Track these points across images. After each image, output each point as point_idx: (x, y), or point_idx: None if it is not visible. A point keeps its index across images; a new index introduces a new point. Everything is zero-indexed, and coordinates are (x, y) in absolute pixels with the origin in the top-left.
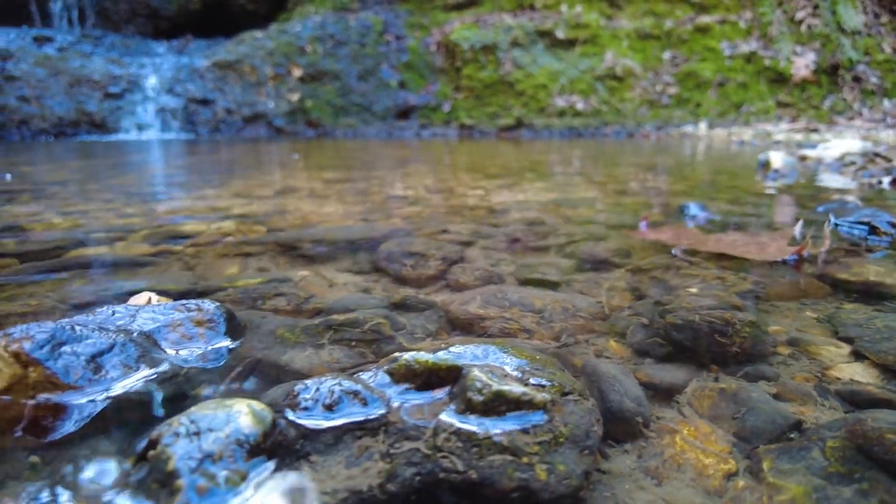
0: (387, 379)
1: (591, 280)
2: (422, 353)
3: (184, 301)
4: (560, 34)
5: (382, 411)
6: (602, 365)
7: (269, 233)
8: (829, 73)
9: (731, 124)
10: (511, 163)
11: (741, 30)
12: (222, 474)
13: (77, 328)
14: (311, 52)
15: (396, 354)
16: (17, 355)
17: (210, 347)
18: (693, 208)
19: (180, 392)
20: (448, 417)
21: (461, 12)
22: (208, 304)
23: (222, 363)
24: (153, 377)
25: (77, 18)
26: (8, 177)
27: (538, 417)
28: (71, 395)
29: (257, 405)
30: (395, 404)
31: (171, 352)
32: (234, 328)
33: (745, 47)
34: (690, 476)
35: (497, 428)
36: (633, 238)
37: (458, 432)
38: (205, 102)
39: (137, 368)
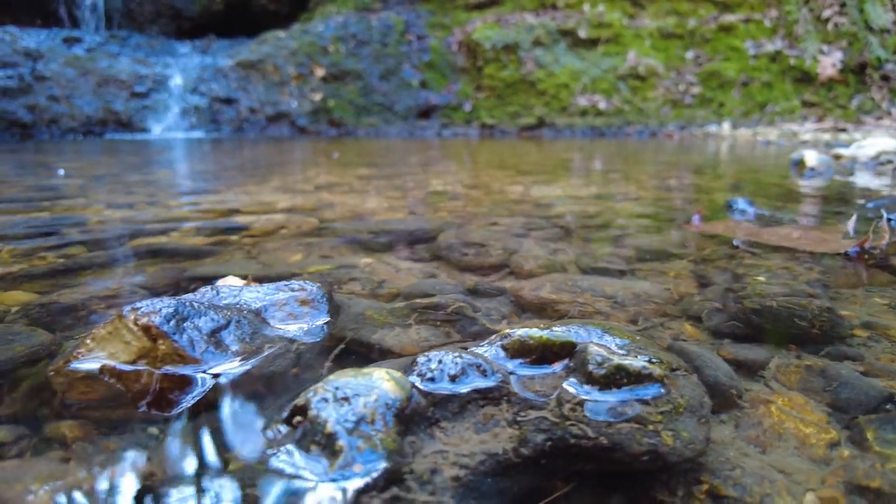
0: (502, 353)
1: (655, 269)
2: (534, 329)
3: (286, 282)
4: (582, 33)
5: (502, 383)
6: (687, 344)
7: (321, 224)
8: (857, 72)
9: (756, 124)
10: (540, 161)
11: (766, 28)
12: (378, 436)
13: (196, 305)
14: (333, 52)
15: (508, 331)
16: (146, 329)
17: (314, 325)
18: (741, 203)
19: (294, 365)
20: (570, 388)
21: (483, 12)
22: (310, 285)
23: (325, 340)
24: (267, 352)
25: (104, 20)
26: (61, 172)
27: (657, 390)
28: (195, 368)
29: (395, 373)
30: (513, 377)
31: (279, 328)
32: (333, 308)
33: (770, 46)
34: (793, 444)
35: (620, 398)
36: (686, 231)
37: (582, 402)
38: (228, 102)
39: (252, 343)
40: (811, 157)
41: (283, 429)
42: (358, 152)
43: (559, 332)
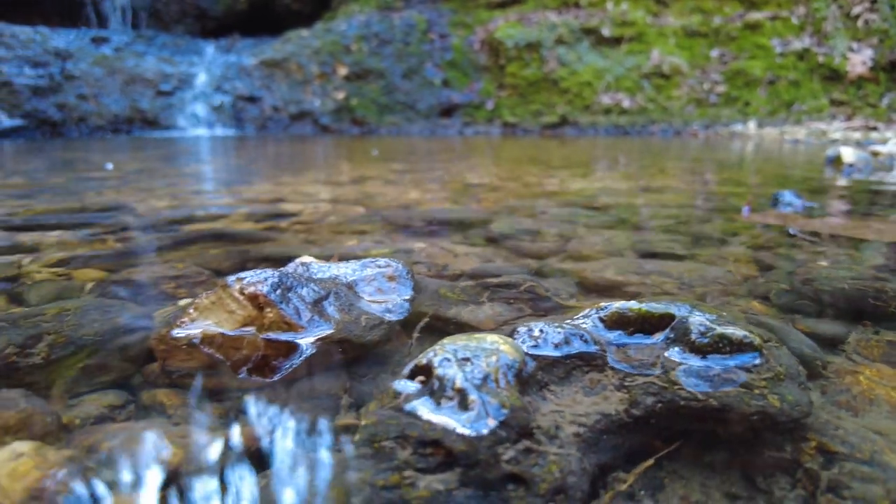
0: (600, 325)
1: (714, 254)
2: (632, 302)
3: (372, 259)
4: (606, 32)
5: (602, 351)
6: (765, 319)
7: (367, 213)
8: (888, 70)
9: (782, 123)
10: (568, 157)
11: (793, 26)
12: (503, 393)
13: (297, 276)
14: (356, 51)
15: (605, 304)
16: (253, 297)
17: (401, 299)
18: (788, 196)
19: (389, 334)
20: (673, 356)
21: (505, 10)
22: (396, 263)
23: (411, 313)
24: (364, 321)
25: (131, 19)
26: (110, 166)
27: (756, 358)
28: (300, 335)
29: (508, 339)
30: (612, 346)
31: (370, 301)
32: (416, 285)
33: (798, 44)
34: (886, 409)
35: (722, 365)
36: (738, 221)
37: (688, 369)
38: (252, 100)
39: (350, 313)
40: (848, 154)
41: (411, 386)
42: (384, 149)
43: (657, 305)
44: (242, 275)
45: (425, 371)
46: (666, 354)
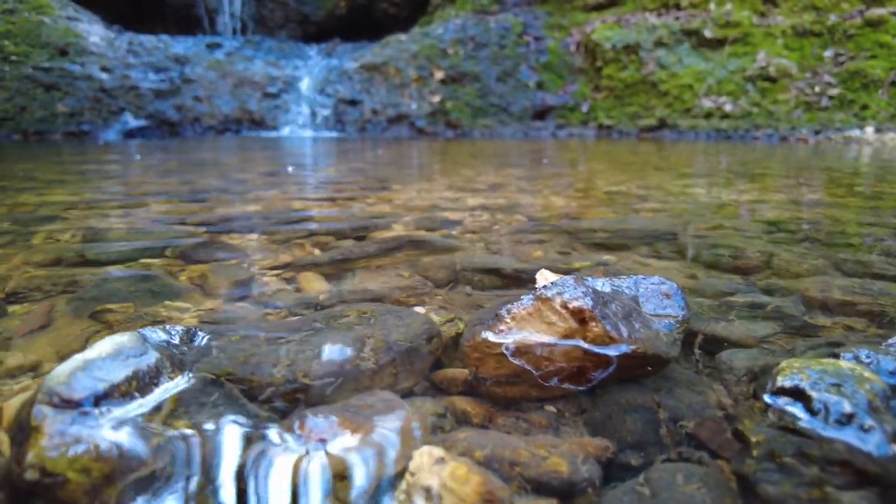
0: None
1: None
2: None
3: (644, 276)
4: (708, 33)
5: None
6: None
7: (530, 223)
8: None
9: None
10: (686, 162)
11: None
12: (888, 418)
13: (600, 292)
14: (452, 55)
15: None
16: (578, 312)
17: (678, 316)
18: None
19: (680, 349)
20: None
21: (601, 12)
22: (669, 281)
23: (686, 329)
24: (663, 336)
25: (240, 25)
26: (290, 169)
27: None
28: (616, 349)
29: (862, 364)
30: None
31: (653, 316)
32: (686, 302)
33: None
34: None
35: None
36: None
37: None
38: (353, 103)
39: (650, 328)
40: None
41: (789, 406)
42: (486, 153)
43: None
44: (560, 288)
45: (793, 393)
46: None
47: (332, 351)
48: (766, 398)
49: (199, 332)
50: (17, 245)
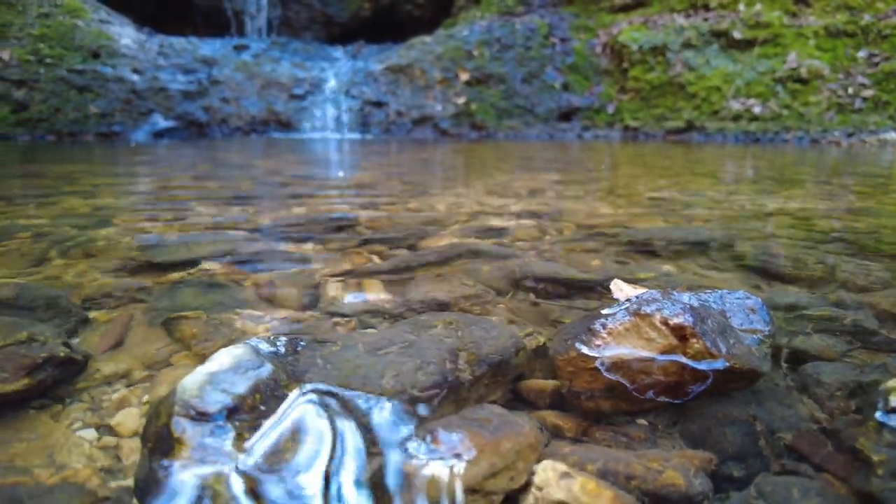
0: None
1: None
2: None
3: (728, 290)
4: (737, 34)
5: None
6: None
7: (581, 231)
8: None
9: None
10: (718, 166)
11: None
12: None
13: (698, 307)
14: (477, 56)
15: None
16: (679, 328)
17: (764, 331)
18: None
19: (771, 365)
20: None
21: (628, 14)
22: (752, 296)
23: (773, 344)
24: (755, 351)
25: (266, 27)
26: (341, 174)
27: None
28: (715, 364)
29: None
30: None
31: (741, 331)
32: (771, 317)
33: None
34: None
35: None
36: None
37: None
38: (378, 105)
39: (743, 343)
40: None
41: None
42: (516, 155)
43: None
44: (658, 304)
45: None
46: None
47: (433, 363)
48: (879, 416)
49: (301, 342)
50: (79, 251)
